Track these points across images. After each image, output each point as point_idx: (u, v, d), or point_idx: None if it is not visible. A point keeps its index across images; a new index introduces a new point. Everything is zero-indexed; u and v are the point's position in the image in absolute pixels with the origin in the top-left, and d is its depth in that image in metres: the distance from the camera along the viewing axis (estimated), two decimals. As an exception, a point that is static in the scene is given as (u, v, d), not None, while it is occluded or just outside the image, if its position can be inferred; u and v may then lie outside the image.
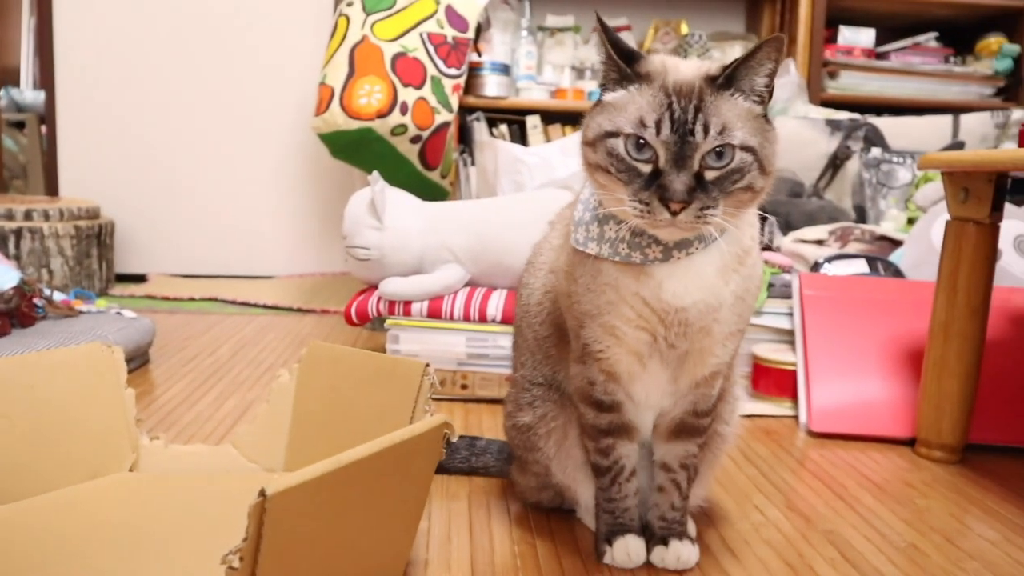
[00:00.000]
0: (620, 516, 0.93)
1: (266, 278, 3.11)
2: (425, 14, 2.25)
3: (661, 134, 0.74)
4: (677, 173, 0.74)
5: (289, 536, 0.62)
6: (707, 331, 0.84)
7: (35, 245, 2.45)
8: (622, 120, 0.76)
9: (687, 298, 0.82)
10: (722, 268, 0.82)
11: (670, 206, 0.73)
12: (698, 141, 0.74)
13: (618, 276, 0.83)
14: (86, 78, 2.99)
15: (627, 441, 0.92)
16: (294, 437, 1.10)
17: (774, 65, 0.76)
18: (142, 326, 1.76)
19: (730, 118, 0.75)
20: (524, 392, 1.01)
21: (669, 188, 0.73)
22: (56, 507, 0.96)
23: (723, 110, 0.75)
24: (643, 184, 0.75)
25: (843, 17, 2.94)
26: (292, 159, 3.12)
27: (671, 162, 0.74)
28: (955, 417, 1.33)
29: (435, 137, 2.16)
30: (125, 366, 1.11)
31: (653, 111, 0.75)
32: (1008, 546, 1.04)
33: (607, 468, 0.92)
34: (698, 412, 0.91)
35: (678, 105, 0.75)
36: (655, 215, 0.74)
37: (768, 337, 1.68)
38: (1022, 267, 1.75)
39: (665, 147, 0.74)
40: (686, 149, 0.74)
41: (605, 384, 0.89)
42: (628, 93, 0.78)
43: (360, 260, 1.69)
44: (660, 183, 0.74)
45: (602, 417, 0.91)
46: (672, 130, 0.74)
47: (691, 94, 0.75)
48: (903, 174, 2.45)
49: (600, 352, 0.87)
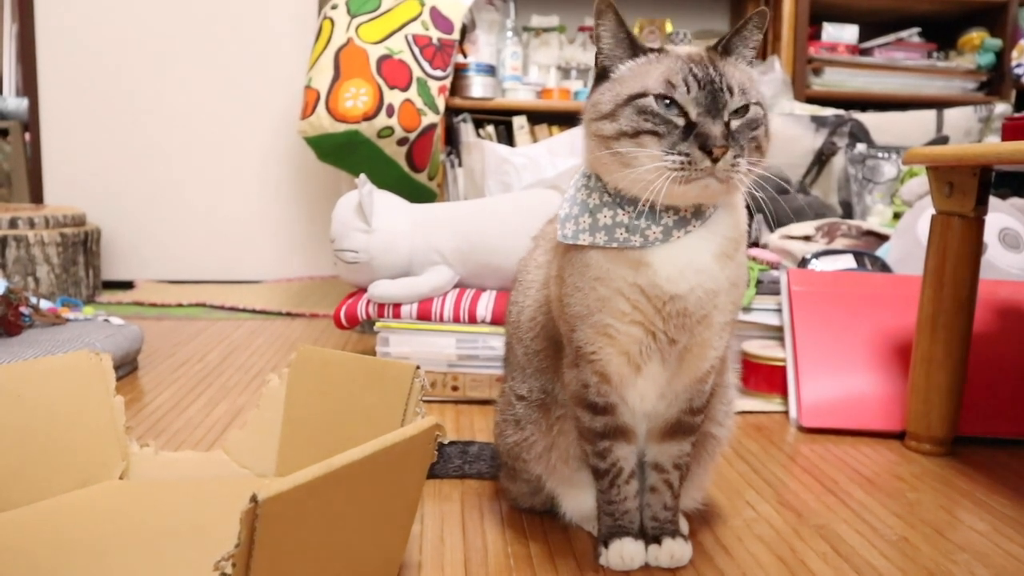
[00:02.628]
0: (620, 518, 0.93)
1: (254, 283, 3.10)
2: (410, 16, 2.25)
3: (691, 92, 0.78)
4: (713, 121, 0.77)
5: (282, 541, 0.62)
6: (707, 321, 0.84)
7: (21, 253, 2.43)
8: (649, 81, 0.79)
9: (683, 283, 0.82)
10: (718, 253, 0.83)
11: (713, 151, 0.76)
12: (727, 98, 0.78)
13: (609, 268, 0.83)
14: (70, 84, 2.98)
15: (624, 443, 0.92)
16: (285, 442, 1.09)
17: (760, 35, 0.83)
18: (130, 333, 1.75)
19: (742, 78, 0.81)
20: (509, 407, 1.01)
21: (710, 135, 0.76)
22: (46, 516, 0.96)
23: (734, 72, 0.81)
24: (680, 136, 0.78)
25: (826, 14, 2.96)
26: (279, 163, 3.11)
27: (705, 114, 0.78)
28: (944, 410, 1.34)
29: (422, 139, 2.16)
30: (114, 373, 1.10)
31: (678, 72, 0.79)
32: (998, 537, 1.05)
33: (605, 471, 0.92)
34: (693, 410, 0.91)
35: (698, 68, 0.79)
36: (696, 164, 0.76)
37: (757, 333, 1.68)
38: (1008, 260, 1.76)
39: (696, 103, 0.78)
40: (718, 102, 0.78)
41: (598, 386, 0.89)
42: (640, 64, 0.82)
43: (349, 263, 1.69)
44: (699, 132, 0.77)
45: (597, 420, 0.91)
46: (700, 87, 0.78)
47: (703, 61, 0.80)
48: (888, 169, 2.46)
49: (592, 354, 0.87)
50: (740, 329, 1.66)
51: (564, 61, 2.88)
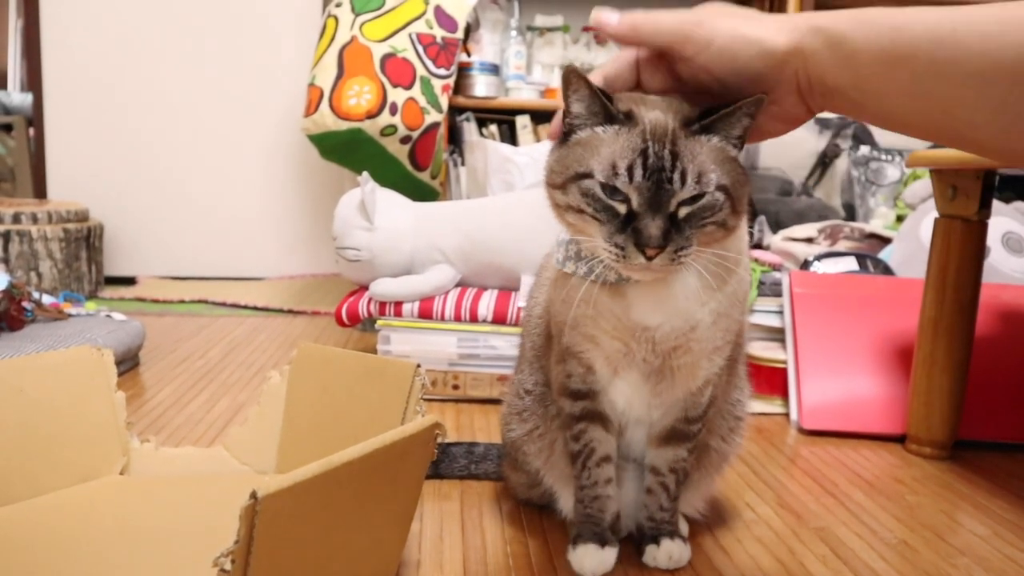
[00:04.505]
0: (589, 506, 0.93)
1: (256, 280, 3.10)
2: (414, 15, 2.25)
3: (634, 179, 0.71)
4: (652, 218, 0.71)
5: (281, 538, 0.62)
6: (686, 349, 0.83)
7: (23, 248, 2.43)
8: (595, 162, 0.73)
9: (655, 318, 0.81)
10: (699, 290, 0.80)
11: (646, 251, 0.71)
12: (675, 189, 0.71)
13: (591, 290, 0.82)
14: (74, 80, 2.98)
15: (600, 427, 0.92)
16: (285, 439, 1.09)
17: (751, 120, 0.72)
18: (132, 329, 1.76)
19: (706, 164, 0.72)
20: (517, 399, 1.02)
21: (644, 233, 0.71)
22: (46, 511, 0.96)
23: (699, 155, 0.72)
24: (618, 226, 0.72)
25: (831, 16, 2.96)
26: (282, 160, 3.12)
27: (646, 206, 0.71)
28: (945, 414, 1.34)
29: (425, 137, 2.16)
30: (115, 369, 1.10)
31: (626, 156, 0.72)
32: (998, 541, 1.04)
33: (578, 452, 0.92)
34: (689, 419, 0.91)
35: (653, 150, 0.71)
36: (630, 259, 0.72)
37: (758, 335, 1.68)
38: (1010, 264, 1.76)
39: (639, 192, 0.71)
40: (662, 195, 0.71)
41: (584, 376, 0.89)
42: (599, 134, 0.75)
43: (350, 261, 1.69)
44: (635, 227, 0.71)
45: (576, 405, 0.91)
46: (644, 176, 0.71)
47: (664, 138, 0.72)
48: (892, 172, 2.46)
49: (581, 353, 0.88)
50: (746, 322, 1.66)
51: (568, 61, 2.88)
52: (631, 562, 0.94)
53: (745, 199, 0.76)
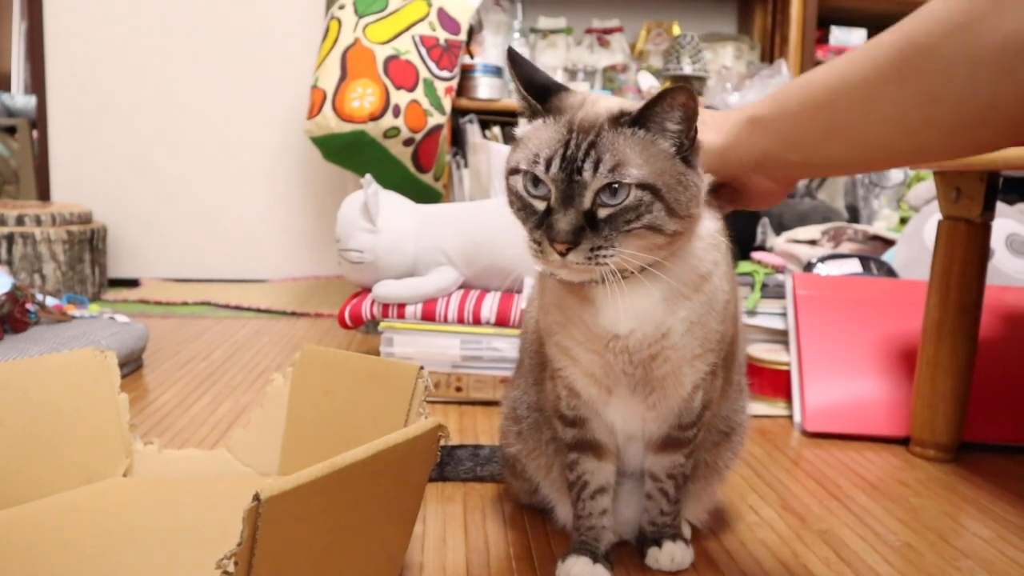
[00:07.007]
0: (584, 534, 0.92)
1: (259, 282, 3.11)
2: (417, 16, 2.25)
3: (551, 171, 0.71)
4: (563, 212, 0.70)
5: (284, 540, 0.62)
6: (664, 359, 0.81)
7: (27, 250, 2.44)
8: (522, 156, 0.74)
9: (623, 325, 0.79)
10: (669, 296, 0.78)
11: (555, 246, 0.70)
12: (586, 179, 0.70)
13: (563, 295, 0.82)
14: (77, 82, 2.99)
15: (592, 458, 0.91)
16: (288, 441, 1.09)
17: (683, 112, 0.71)
18: (135, 331, 1.76)
19: (627, 155, 0.70)
20: (513, 423, 1.01)
21: (553, 227, 0.70)
22: (50, 513, 0.96)
23: (620, 147, 0.71)
24: (537, 222, 0.72)
25: (834, 17, 2.96)
26: (285, 162, 3.12)
27: (559, 200, 0.71)
28: (949, 416, 1.34)
29: (428, 139, 2.16)
30: (118, 371, 1.10)
31: (548, 147, 0.72)
32: (1002, 544, 1.04)
33: (572, 483, 0.92)
34: (683, 425, 0.89)
35: (574, 142, 0.71)
36: (546, 255, 0.72)
37: (762, 337, 1.68)
38: (1014, 266, 1.76)
39: (555, 184, 0.71)
40: (573, 187, 0.70)
41: (568, 399, 0.89)
42: (534, 128, 0.76)
43: (354, 263, 1.69)
44: (548, 222, 0.71)
45: (568, 432, 0.91)
46: (561, 167, 0.71)
47: (590, 130, 0.72)
48: (895, 173, 2.45)
49: (560, 370, 0.87)
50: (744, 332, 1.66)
51: (571, 63, 2.88)
52: (633, 564, 0.94)
53: (690, 203, 0.73)
